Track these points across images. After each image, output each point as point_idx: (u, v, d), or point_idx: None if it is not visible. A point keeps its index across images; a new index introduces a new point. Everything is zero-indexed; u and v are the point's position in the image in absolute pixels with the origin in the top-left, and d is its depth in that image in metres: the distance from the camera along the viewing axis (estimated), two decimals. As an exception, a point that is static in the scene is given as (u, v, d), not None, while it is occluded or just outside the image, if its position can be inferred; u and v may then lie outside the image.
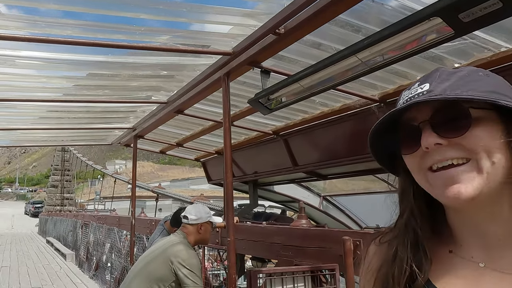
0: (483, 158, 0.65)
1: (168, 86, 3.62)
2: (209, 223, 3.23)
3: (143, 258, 3.21)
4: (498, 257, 0.67)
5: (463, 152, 0.66)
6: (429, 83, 0.70)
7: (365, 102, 3.36)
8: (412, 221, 0.75)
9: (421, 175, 0.71)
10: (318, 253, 3.22)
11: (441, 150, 0.68)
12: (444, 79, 0.70)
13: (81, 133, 5.57)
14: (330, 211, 7.19)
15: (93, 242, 11.57)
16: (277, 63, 3.00)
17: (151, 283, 2.93)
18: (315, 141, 4.38)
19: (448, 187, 0.66)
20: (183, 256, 2.95)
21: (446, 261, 0.73)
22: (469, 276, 0.69)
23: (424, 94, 0.69)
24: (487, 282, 0.67)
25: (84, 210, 23.22)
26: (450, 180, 0.66)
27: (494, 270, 0.67)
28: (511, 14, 1.44)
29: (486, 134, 0.66)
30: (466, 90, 0.67)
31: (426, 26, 1.70)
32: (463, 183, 0.65)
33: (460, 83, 0.69)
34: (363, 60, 2.05)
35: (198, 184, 38.78)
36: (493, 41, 2.41)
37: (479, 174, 0.65)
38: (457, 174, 0.66)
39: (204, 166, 6.85)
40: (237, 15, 2.37)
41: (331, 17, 2.15)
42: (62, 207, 35.17)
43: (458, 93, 0.67)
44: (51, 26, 2.15)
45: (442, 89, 0.68)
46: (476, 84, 0.68)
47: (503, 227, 0.67)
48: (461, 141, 0.66)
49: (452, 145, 0.67)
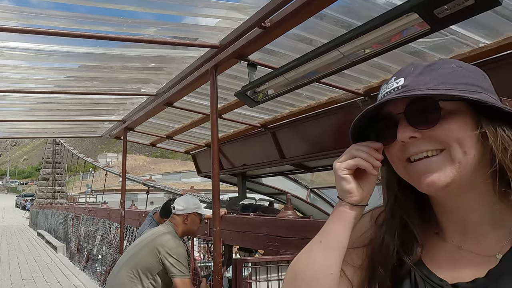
0: (455, 148, 0.69)
1: (157, 78, 3.62)
2: (196, 214, 3.25)
3: (130, 249, 3.23)
4: (475, 241, 0.72)
5: (436, 144, 0.70)
6: (404, 78, 0.73)
7: (350, 95, 3.40)
8: (397, 209, 0.80)
9: (400, 166, 0.75)
10: (303, 243, 3.24)
11: (416, 143, 0.71)
12: (418, 73, 0.73)
13: (71, 125, 5.54)
14: (317, 203, 7.27)
15: (84, 234, 11.53)
16: (265, 57, 3.02)
17: (138, 272, 2.96)
18: (302, 134, 4.42)
19: (423, 176, 0.71)
20: (170, 245, 2.98)
21: (431, 242, 0.78)
22: (448, 256, 0.74)
23: (399, 89, 0.72)
24: (463, 262, 0.72)
25: (75, 203, 23.08)
26: (425, 170, 0.70)
27: (469, 251, 0.72)
28: (483, 10, 1.48)
29: (457, 126, 0.69)
30: (438, 83, 0.70)
31: (404, 21, 1.74)
32: (437, 172, 0.69)
33: (432, 76, 0.72)
34: (345, 54, 2.08)
35: (190, 178, 38.72)
36: (472, 37, 2.46)
37: (451, 164, 0.69)
38: (431, 165, 0.70)
39: (194, 159, 6.86)
40: (224, 8, 2.39)
41: (316, 11, 2.18)
42: (53, 200, 34.87)
43: (430, 87, 0.70)
44: (39, 17, 2.14)
45: (416, 83, 0.71)
46: (448, 77, 0.71)
47: (478, 214, 0.72)
48: (433, 133, 0.70)
49: (425, 138, 0.71)
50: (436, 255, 0.76)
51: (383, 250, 0.79)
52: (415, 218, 0.78)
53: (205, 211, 3.35)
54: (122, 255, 3.31)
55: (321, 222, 3.45)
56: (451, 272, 0.71)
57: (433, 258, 0.76)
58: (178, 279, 2.92)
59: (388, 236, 0.79)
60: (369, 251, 0.83)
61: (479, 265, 0.68)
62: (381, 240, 0.80)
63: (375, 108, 0.74)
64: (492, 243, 0.69)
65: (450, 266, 0.72)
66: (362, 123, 0.78)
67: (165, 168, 69.04)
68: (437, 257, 0.75)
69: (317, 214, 6.65)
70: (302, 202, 6.97)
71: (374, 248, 0.81)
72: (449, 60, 0.76)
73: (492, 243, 0.69)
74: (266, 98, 2.80)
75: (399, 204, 0.79)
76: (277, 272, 3.00)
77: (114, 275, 3.12)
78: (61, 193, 37.14)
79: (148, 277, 2.96)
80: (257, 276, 2.91)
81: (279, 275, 3.02)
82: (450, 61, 0.76)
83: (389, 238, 0.79)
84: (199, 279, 4.32)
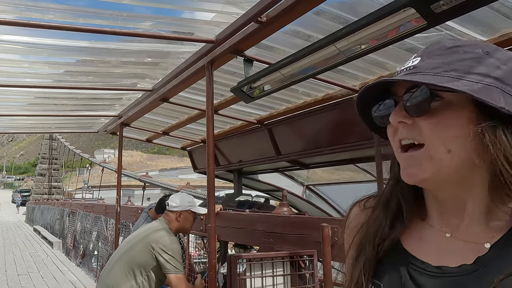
0: (436, 146, 0.66)
1: (152, 73, 3.59)
2: (190, 212, 3.23)
3: (124, 245, 3.21)
4: (464, 229, 0.70)
5: (418, 136, 0.67)
6: (420, 57, 0.70)
7: (347, 92, 3.38)
8: (397, 189, 0.78)
9: (394, 148, 0.73)
10: (298, 239, 3.26)
11: (405, 129, 0.69)
12: (437, 53, 0.69)
13: (67, 121, 5.50)
14: (313, 200, 7.26)
15: (80, 230, 11.50)
16: (261, 52, 3.00)
17: (132, 268, 2.94)
18: (298, 131, 4.40)
19: (406, 168, 0.69)
20: (164, 241, 2.96)
21: (417, 228, 0.76)
22: (434, 242, 0.73)
23: (410, 69, 0.70)
24: (450, 248, 0.70)
25: (71, 199, 23.01)
26: (407, 161, 0.69)
27: (458, 239, 0.70)
28: (480, 4, 1.47)
29: (448, 120, 0.65)
30: (448, 69, 0.65)
31: (401, 17, 1.72)
32: (416, 167, 0.67)
33: (448, 60, 0.67)
34: (342, 50, 2.06)
35: (186, 174, 38.65)
36: (468, 34, 2.45)
37: (430, 161, 0.66)
38: (412, 158, 0.68)
39: (190, 155, 6.84)
40: (220, 2, 2.36)
41: (312, 5, 2.15)
42: (50, 195, 34.76)
43: (438, 72, 0.65)
44: (32, 10, 2.11)
45: (426, 66, 0.68)
46: (464, 63, 0.66)
47: (470, 206, 0.69)
48: (421, 123, 0.67)
49: (413, 126, 0.68)
50: (422, 241, 0.74)
51: (375, 227, 0.78)
52: (410, 200, 0.77)
53: (199, 210, 3.33)
54: (115, 251, 3.29)
55: (316, 218, 3.45)
56: (437, 257, 0.70)
57: (417, 243, 0.74)
58: (173, 275, 2.91)
59: (382, 214, 0.78)
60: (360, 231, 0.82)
61: (467, 252, 0.67)
62: (374, 217, 0.79)
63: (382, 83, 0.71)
64: (482, 233, 0.67)
65: (436, 252, 0.71)
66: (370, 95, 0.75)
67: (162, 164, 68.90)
68: (422, 242, 0.74)
69: (313, 211, 6.64)
70: (298, 198, 6.96)
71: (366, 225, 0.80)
72: (480, 44, 0.70)
73: (481, 233, 0.68)
74: (262, 93, 2.78)
75: (398, 186, 0.78)
76: (271, 269, 2.99)
77: (107, 271, 3.10)
78: (58, 189, 37.02)
79: (141, 273, 2.94)
80: (251, 272, 2.90)
81: (274, 271, 3.01)
82: (479, 45, 0.70)
83: (381, 216, 0.78)
84: (194, 275, 4.30)
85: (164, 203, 3.91)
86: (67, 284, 8.34)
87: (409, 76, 0.68)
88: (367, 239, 0.78)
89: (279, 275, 2.96)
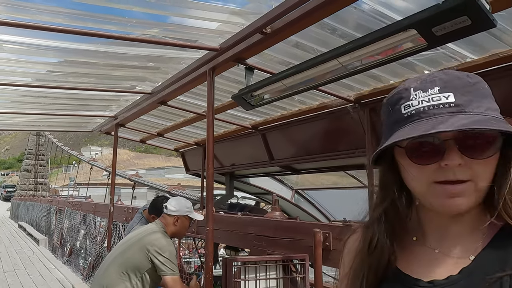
0: (484, 182, 0.70)
1: (153, 77, 3.60)
2: (187, 218, 3.23)
3: (119, 246, 3.18)
4: (451, 244, 0.76)
5: (471, 175, 0.69)
6: (452, 93, 0.69)
7: (341, 102, 3.45)
8: (391, 212, 0.80)
9: (423, 183, 0.72)
10: (289, 243, 3.30)
11: (456, 170, 0.69)
12: (466, 90, 0.70)
13: (62, 119, 5.44)
14: (302, 204, 7.33)
15: (67, 228, 11.32)
16: (260, 61, 3.04)
17: (126, 270, 2.92)
18: (292, 137, 4.46)
19: (451, 199, 0.69)
20: (160, 244, 2.96)
21: (409, 247, 0.80)
22: (424, 260, 0.78)
23: (451, 106, 0.68)
24: (438, 263, 0.76)
25: (58, 196, 22.61)
26: (454, 193, 0.69)
27: (445, 255, 0.76)
28: (478, 30, 1.54)
29: (495, 161, 0.70)
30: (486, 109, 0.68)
31: (403, 36, 1.79)
32: (464, 197, 0.69)
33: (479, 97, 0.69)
34: (344, 64, 2.12)
35: (173, 174, 38.43)
36: (460, 52, 2.54)
37: (477, 193, 0.70)
38: (462, 191, 0.69)
39: (183, 157, 6.84)
40: (226, 12, 2.40)
41: (316, 20, 2.21)
42: (36, 192, 34.09)
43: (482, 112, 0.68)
44: (42, 13, 2.11)
45: (468, 104, 0.68)
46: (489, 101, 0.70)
47: (460, 225, 0.76)
48: (477, 165, 0.69)
49: (466, 167, 0.69)
50: (413, 259, 0.78)
51: (376, 253, 0.80)
52: (402, 223, 0.80)
53: (196, 216, 3.32)
54: (110, 253, 3.26)
55: (308, 224, 3.50)
56: (428, 273, 0.75)
57: (409, 262, 0.78)
58: (169, 277, 2.92)
59: (382, 237, 0.79)
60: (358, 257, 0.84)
61: (454, 265, 0.73)
62: (374, 242, 0.80)
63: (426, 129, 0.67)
64: (467, 247, 0.74)
65: (427, 268, 0.76)
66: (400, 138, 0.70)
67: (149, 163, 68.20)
68: (413, 261, 0.78)
69: (301, 215, 6.70)
70: (287, 202, 7.01)
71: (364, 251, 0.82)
72: (478, 77, 0.73)
73: (467, 246, 0.74)
74: (262, 102, 2.82)
75: (393, 207, 0.79)
76: (265, 272, 3.02)
77: (101, 272, 3.07)
78: (44, 185, 36.34)
79: (136, 274, 2.93)
80: (246, 275, 2.93)
81: (267, 274, 3.04)
82: (479, 78, 0.73)
83: (382, 240, 0.79)
84: (186, 276, 4.30)
85: (157, 204, 3.90)
86: (54, 282, 8.22)
87: (472, 120, 0.67)
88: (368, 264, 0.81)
89: (272, 278, 2.99)
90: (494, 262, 0.69)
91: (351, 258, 0.86)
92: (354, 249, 0.86)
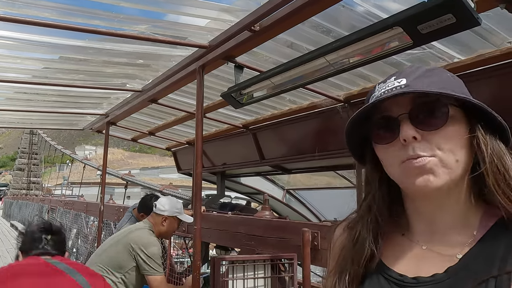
0: (449, 156, 0.70)
1: (143, 74, 3.57)
2: (176, 219, 3.19)
3: (106, 243, 3.14)
4: (438, 241, 0.74)
5: (432, 149, 0.70)
6: (405, 78, 0.72)
7: (331, 101, 3.44)
8: (374, 206, 0.80)
9: (394, 165, 0.74)
10: (278, 243, 3.29)
11: (417, 146, 0.70)
12: (419, 75, 0.73)
13: (52, 117, 5.37)
14: (293, 204, 7.32)
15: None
16: (250, 59, 3.02)
17: (109, 268, 2.86)
18: (282, 136, 4.45)
19: (418, 176, 0.70)
20: (143, 242, 2.91)
21: (397, 243, 0.80)
22: (412, 256, 0.77)
23: (403, 87, 0.71)
24: (425, 260, 0.74)
25: (51, 195, 22.42)
26: (420, 171, 0.69)
27: (433, 251, 0.74)
28: (463, 28, 1.53)
29: (455, 132, 0.70)
30: (439, 87, 0.70)
31: (389, 34, 1.77)
32: (431, 174, 0.69)
33: (433, 79, 0.72)
34: (331, 62, 2.11)
35: (167, 173, 38.28)
36: (448, 52, 2.54)
37: (444, 169, 0.69)
38: (426, 167, 0.69)
39: (175, 156, 6.80)
40: (215, 9, 2.37)
41: (304, 18, 2.20)
42: (28, 191, 33.79)
43: (432, 89, 0.69)
44: (29, 7, 2.07)
45: (418, 84, 0.70)
46: (447, 83, 0.72)
47: (448, 217, 0.74)
48: (433, 137, 0.70)
49: (424, 140, 0.70)
50: (400, 255, 0.78)
51: (358, 246, 0.80)
52: (385, 216, 0.80)
53: (185, 218, 3.27)
54: (97, 252, 3.21)
55: (297, 223, 3.49)
56: (414, 269, 0.74)
57: (396, 258, 0.78)
58: (151, 276, 2.88)
59: (364, 231, 0.80)
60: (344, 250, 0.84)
61: (440, 263, 0.71)
62: (357, 236, 0.81)
63: (374, 105, 0.73)
64: (455, 244, 0.72)
65: (413, 264, 0.75)
66: (358, 119, 0.76)
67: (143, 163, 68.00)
68: (401, 256, 0.78)
69: (292, 215, 6.70)
70: (278, 202, 7.00)
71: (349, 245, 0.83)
72: (442, 69, 0.77)
73: (455, 244, 0.72)
74: (251, 100, 2.80)
75: (376, 200, 0.80)
76: (253, 271, 3.00)
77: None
78: (37, 184, 36.02)
79: (120, 272, 2.88)
80: (234, 274, 2.90)
81: (255, 273, 3.02)
82: (443, 69, 0.77)
83: (364, 234, 0.80)
84: (177, 276, 4.26)
85: (146, 202, 3.87)
86: (44, 281, 8.10)
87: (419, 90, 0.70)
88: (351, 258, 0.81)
89: (260, 277, 2.97)
90: (481, 262, 0.67)
91: (337, 253, 0.86)
92: (340, 244, 0.86)
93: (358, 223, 0.83)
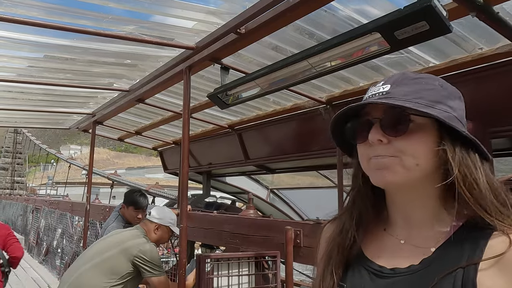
0: (408, 159, 0.75)
1: (130, 74, 3.56)
2: (168, 229, 3.19)
3: (99, 250, 3.01)
4: (415, 236, 0.80)
5: (394, 152, 0.76)
6: (390, 85, 0.79)
7: (314, 103, 3.50)
8: (358, 199, 0.87)
9: (364, 161, 0.81)
10: (263, 241, 3.32)
11: (379, 147, 0.77)
12: (404, 83, 0.79)
13: (37, 116, 5.29)
14: (276, 203, 7.36)
15: (44, 227, 11.01)
16: (236, 61, 3.05)
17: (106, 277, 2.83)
18: (267, 137, 4.49)
19: (377, 171, 0.77)
20: (144, 248, 2.90)
21: (379, 237, 0.86)
22: (391, 249, 0.83)
23: (383, 94, 0.78)
24: (403, 253, 0.80)
25: (35, 194, 21.95)
26: (379, 166, 0.77)
27: (410, 245, 0.80)
28: (436, 35, 1.60)
29: (419, 141, 0.76)
30: (416, 97, 0.76)
31: (368, 39, 1.83)
32: (389, 171, 0.76)
33: (414, 88, 0.77)
34: (313, 65, 2.16)
35: (153, 173, 37.92)
36: (424, 57, 2.62)
37: (403, 169, 0.75)
38: (385, 164, 0.76)
39: (161, 155, 6.76)
40: (202, 11, 2.40)
41: (288, 21, 2.25)
42: (12, 190, 32.97)
43: (408, 99, 0.75)
44: (17, 6, 2.06)
45: (398, 92, 0.77)
46: (427, 93, 0.77)
47: (422, 212, 0.80)
48: (396, 143, 0.76)
49: (389, 144, 0.77)
50: (381, 249, 0.84)
51: (343, 234, 0.87)
52: (369, 209, 0.86)
53: (177, 231, 3.23)
54: (86, 253, 3.13)
55: (280, 221, 3.53)
56: (392, 261, 0.80)
57: (377, 251, 0.84)
58: (155, 277, 2.88)
59: (348, 222, 0.87)
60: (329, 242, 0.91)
61: (416, 256, 0.77)
62: (342, 226, 0.88)
63: (357, 106, 0.80)
64: (430, 238, 0.78)
65: (392, 257, 0.81)
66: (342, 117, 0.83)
67: (129, 162, 67.09)
68: (382, 250, 0.84)
69: (276, 214, 6.74)
70: (263, 201, 7.04)
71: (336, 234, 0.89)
72: (435, 77, 0.82)
73: (430, 238, 0.78)
74: (236, 101, 2.83)
75: (359, 194, 0.87)
76: (237, 268, 3.02)
77: (77, 274, 2.90)
78: (21, 184, 35.19)
79: (117, 279, 2.85)
80: (219, 272, 2.92)
81: (240, 270, 3.05)
82: (435, 78, 0.82)
83: (348, 224, 0.87)
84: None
85: (130, 194, 3.84)
86: (29, 282, 7.96)
87: (391, 100, 0.76)
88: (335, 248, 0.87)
89: (245, 274, 2.99)
90: (451, 255, 0.73)
91: (326, 244, 0.92)
92: (329, 236, 0.92)
93: (344, 214, 0.90)
